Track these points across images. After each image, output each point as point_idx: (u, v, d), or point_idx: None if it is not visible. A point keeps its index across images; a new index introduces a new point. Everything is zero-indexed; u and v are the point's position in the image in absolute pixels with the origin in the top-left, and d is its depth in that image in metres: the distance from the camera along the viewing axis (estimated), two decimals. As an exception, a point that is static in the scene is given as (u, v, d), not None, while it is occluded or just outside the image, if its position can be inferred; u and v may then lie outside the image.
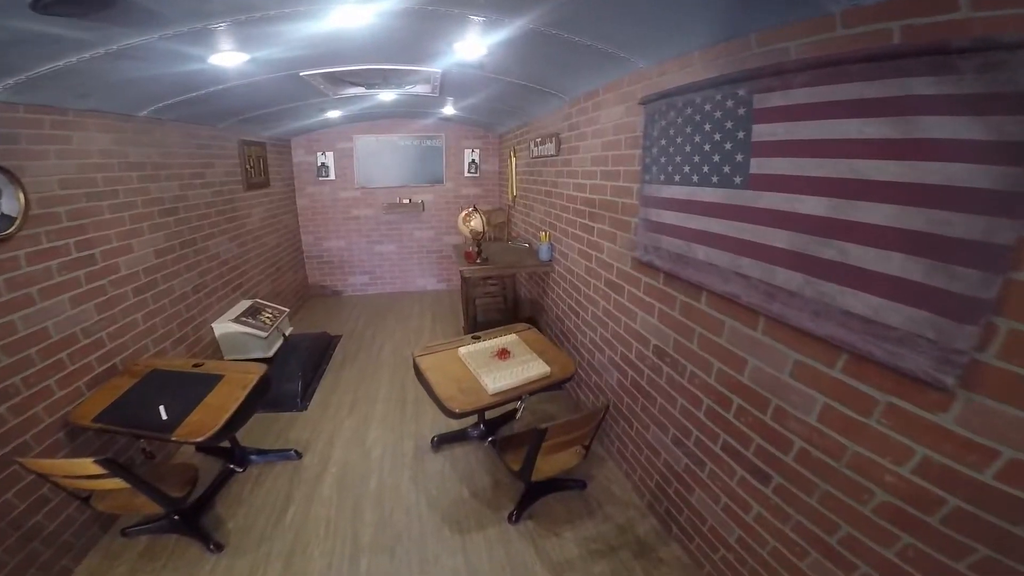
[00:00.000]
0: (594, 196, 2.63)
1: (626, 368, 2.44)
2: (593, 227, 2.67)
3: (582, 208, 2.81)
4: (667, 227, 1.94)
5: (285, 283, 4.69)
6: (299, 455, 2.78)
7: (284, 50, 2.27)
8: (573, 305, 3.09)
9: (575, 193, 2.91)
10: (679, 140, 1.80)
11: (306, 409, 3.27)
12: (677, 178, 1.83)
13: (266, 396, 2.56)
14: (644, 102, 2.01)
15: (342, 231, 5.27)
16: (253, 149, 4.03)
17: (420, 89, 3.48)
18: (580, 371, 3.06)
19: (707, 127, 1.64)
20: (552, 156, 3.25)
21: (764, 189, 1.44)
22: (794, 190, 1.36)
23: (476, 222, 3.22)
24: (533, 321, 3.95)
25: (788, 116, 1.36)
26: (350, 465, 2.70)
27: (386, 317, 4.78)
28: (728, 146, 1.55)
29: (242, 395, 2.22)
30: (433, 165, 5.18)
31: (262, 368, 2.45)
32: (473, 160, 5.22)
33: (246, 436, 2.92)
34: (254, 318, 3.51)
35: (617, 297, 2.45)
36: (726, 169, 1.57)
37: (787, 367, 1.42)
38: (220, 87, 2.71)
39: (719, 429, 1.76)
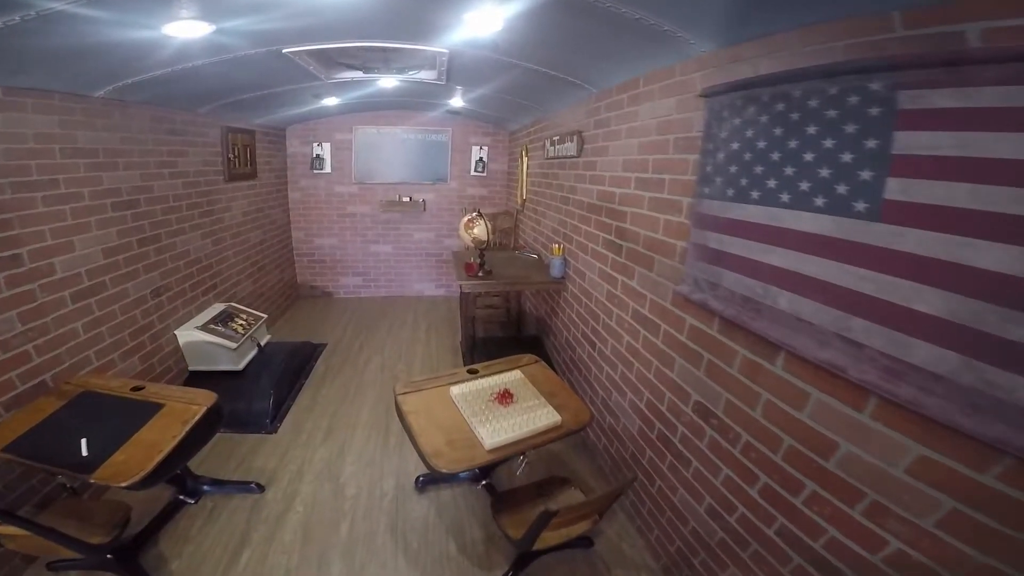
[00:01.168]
0: (625, 208, 2.15)
1: (653, 419, 1.98)
2: (622, 246, 2.19)
3: (608, 221, 2.33)
4: (733, 259, 1.46)
5: (269, 283, 4.22)
6: (261, 488, 2.34)
7: (258, 21, 1.82)
8: (588, 333, 2.61)
9: (599, 203, 2.43)
10: (761, 145, 1.32)
11: (276, 431, 2.82)
12: (755, 195, 1.35)
13: (216, 428, 2.13)
14: (708, 94, 1.52)
15: (336, 229, 4.80)
16: (239, 137, 3.54)
17: (425, 75, 2.99)
18: (592, 408, 2.60)
19: (811, 129, 1.16)
20: (572, 157, 2.77)
21: (910, 224, 0.96)
22: (967, 231, 0.88)
23: (480, 230, 2.74)
24: (538, 341, 3.48)
25: (965, 123, 0.88)
26: (319, 504, 2.27)
27: (377, 325, 4.31)
28: (847, 157, 1.07)
29: (181, 432, 1.77)
30: (437, 162, 4.69)
31: (210, 398, 1.99)
32: (481, 158, 4.74)
33: (203, 460, 2.50)
34: (224, 325, 3.04)
35: (649, 335, 1.98)
36: (841, 189, 1.09)
37: (903, 461, 1.01)
38: (188, 65, 2.24)
39: (779, 513, 1.32)
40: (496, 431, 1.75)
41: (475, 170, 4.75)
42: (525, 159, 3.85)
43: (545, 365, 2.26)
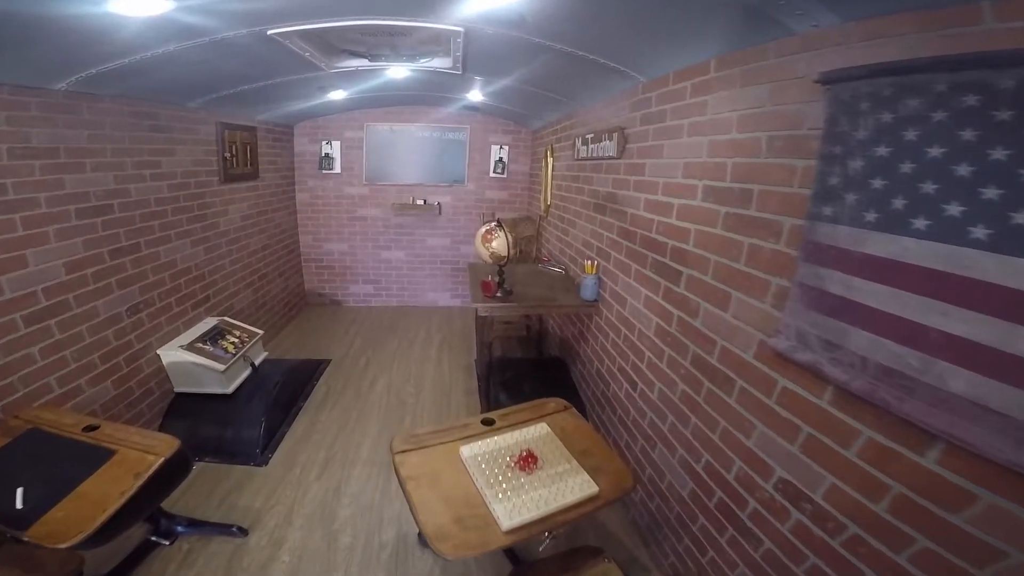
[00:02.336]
0: (687, 224, 1.66)
1: (712, 486, 1.53)
2: (680, 273, 1.70)
3: (660, 240, 1.84)
4: (870, 313, 0.98)
5: (272, 293, 3.83)
6: (244, 532, 1.98)
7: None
8: (628, 370, 2.13)
9: (649, 215, 1.94)
10: (937, 152, 0.83)
11: (266, 464, 2.43)
12: (921, 224, 0.87)
13: (179, 480, 1.76)
14: (832, 80, 1.04)
15: (345, 233, 4.38)
16: (238, 134, 3.14)
17: (439, 64, 2.53)
18: (629, 459, 2.13)
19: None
20: (610, 159, 2.28)
21: None
22: None
23: (499, 243, 2.28)
24: (562, 366, 3.01)
25: None
26: (309, 554, 1.91)
27: (386, 339, 3.88)
28: None
29: (131, 488, 1.42)
30: (454, 162, 4.24)
31: (171, 446, 1.60)
32: (501, 158, 4.26)
33: (182, 493, 2.15)
34: (213, 344, 2.65)
35: (716, 390, 1.50)
36: None
37: None
38: (159, 51, 1.85)
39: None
40: (516, 509, 1.30)
41: (494, 171, 4.28)
42: (550, 160, 3.37)
43: (576, 413, 1.80)
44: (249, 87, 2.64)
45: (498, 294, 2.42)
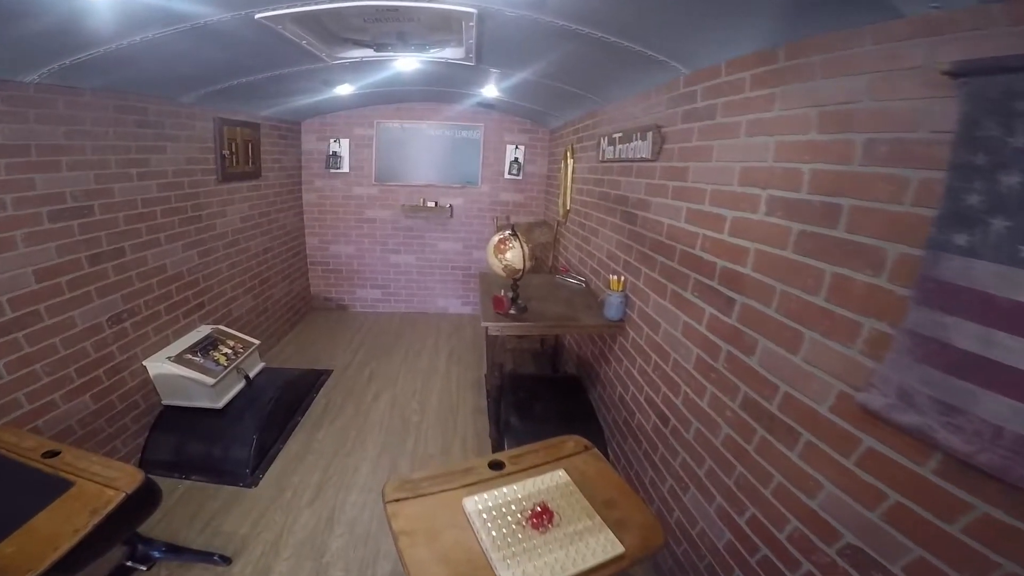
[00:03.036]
0: (744, 243, 1.36)
1: (757, 541, 1.26)
2: (733, 300, 1.40)
3: (707, 258, 1.53)
4: (1017, 378, 0.69)
5: (275, 297, 3.59)
6: (227, 561, 1.78)
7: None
8: (659, 404, 1.83)
9: (692, 228, 1.63)
10: None
11: (256, 485, 2.20)
12: None
13: (143, 517, 1.54)
14: (972, 72, 0.75)
15: (353, 235, 4.12)
16: (238, 131, 2.91)
17: (450, 54, 2.25)
18: (653, 498, 1.83)
19: None
20: (643, 161, 1.98)
21: None
22: None
23: (514, 254, 1.99)
24: (579, 386, 2.72)
25: None
26: None
27: (392, 349, 3.61)
28: None
29: (85, 527, 1.20)
30: (467, 162, 3.95)
31: (134, 480, 1.38)
32: (516, 159, 3.96)
33: (163, 515, 1.96)
34: (204, 355, 2.42)
35: (774, 441, 1.20)
36: None
37: None
38: (137, 39, 1.62)
39: None
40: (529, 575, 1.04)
41: (509, 172, 3.97)
42: (570, 161, 3.07)
43: (598, 455, 1.50)
44: (247, 80, 2.39)
45: (511, 311, 2.14)
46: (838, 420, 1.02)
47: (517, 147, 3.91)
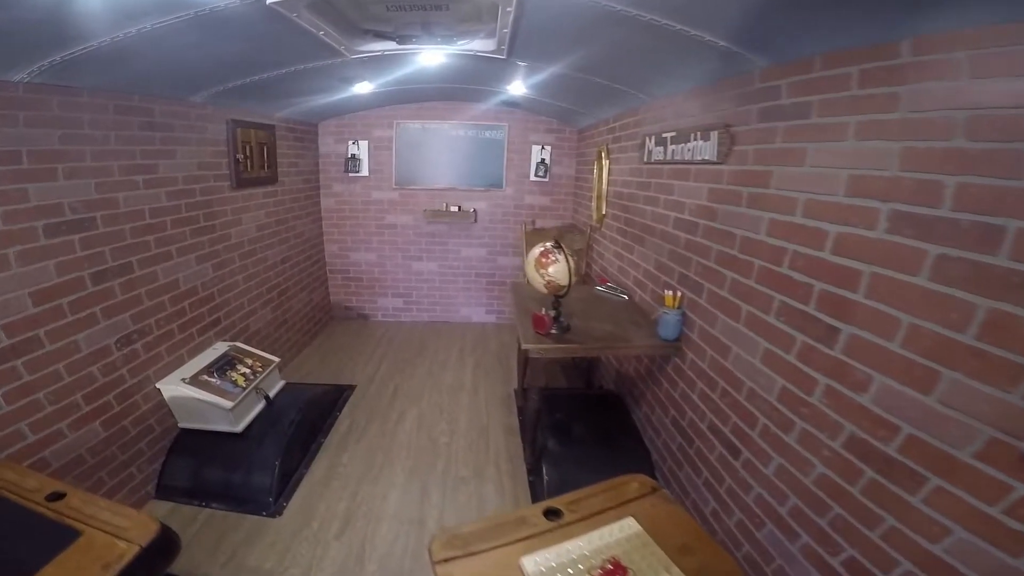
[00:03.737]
0: (855, 264, 1.08)
1: None
2: (837, 330, 1.12)
3: (800, 279, 1.25)
4: None
5: (295, 308, 3.36)
6: None
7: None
8: (725, 432, 1.55)
9: (777, 242, 1.34)
10: None
11: (280, 514, 1.98)
12: None
13: (162, 570, 1.27)
14: None
15: (374, 242, 3.87)
16: (252, 133, 2.67)
17: (479, 46, 1.99)
18: (717, 530, 1.56)
19: None
20: (704, 163, 1.69)
21: None
22: None
23: (559, 269, 1.72)
24: (619, 404, 2.44)
25: None
26: None
27: (416, 362, 3.36)
28: None
29: None
30: (491, 164, 3.67)
31: (148, 530, 1.17)
32: (543, 160, 3.66)
33: (183, 545, 1.69)
34: (221, 375, 2.20)
35: (888, 483, 0.93)
36: None
37: None
38: (133, 31, 1.44)
39: None
40: None
41: (536, 174, 3.68)
42: (604, 162, 2.78)
43: (667, 496, 1.24)
44: (260, 77, 2.15)
45: (553, 331, 1.88)
46: (984, 467, 0.82)
47: (543, 147, 3.62)
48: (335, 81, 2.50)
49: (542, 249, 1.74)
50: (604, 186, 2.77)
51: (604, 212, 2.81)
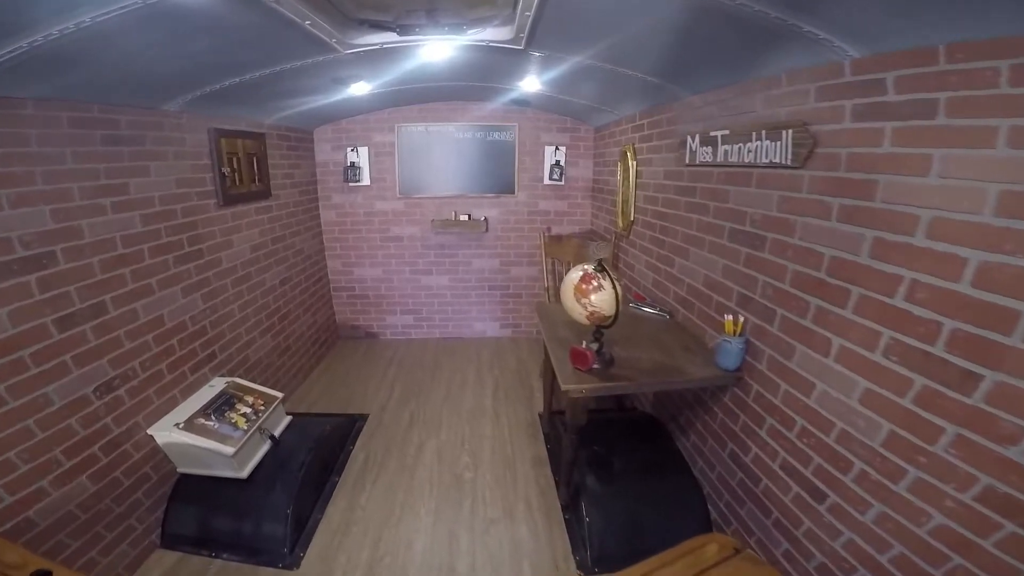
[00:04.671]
0: (1009, 302, 0.80)
1: None
2: (978, 376, 0.81)
3: (924, 315, 0.93)
4: None
5: (298, 332, 3.03)
6: None
7: None
8: (806, 474, 1.25)
9: (887, 267, 1.03)
10: None
11: (298, 566, 1.72)
12: None
13: None
14: None
15: (379, 256, 3.53)
16: (239, 143, 2.34)
17: (493, 35, 1.67)
18: (791, 572, 1.29)
19: None
20: (773, 167, 1.37)
21: None
22: None
23: (603, 297, 1.41)
24: (658, 429, 2.14)
25: None
26: None
27: (431, 385, 3.04)
28: None
29: None
30: (501, 167, 3.34)
31: None
32: (558, 161, 3.32)
33: None
34: (220, 417, 1.90)
35: None
36: None
37: None
38: (70, 26, 1.06)
39: None
40: None
41: (550, 177, 3.34)
42: (631, 164, 2.46)
43: (755, 558, 1.00)
44: (242, 80, 1.82)
45: (596, 365, 1.58)
46: None
47: (557, 148, 3.27)
48: (328, 82, 2.17)
49: (582, 273, 1.42)
50: (632, 190, 2.44)
51: (632, 218, 2.48)
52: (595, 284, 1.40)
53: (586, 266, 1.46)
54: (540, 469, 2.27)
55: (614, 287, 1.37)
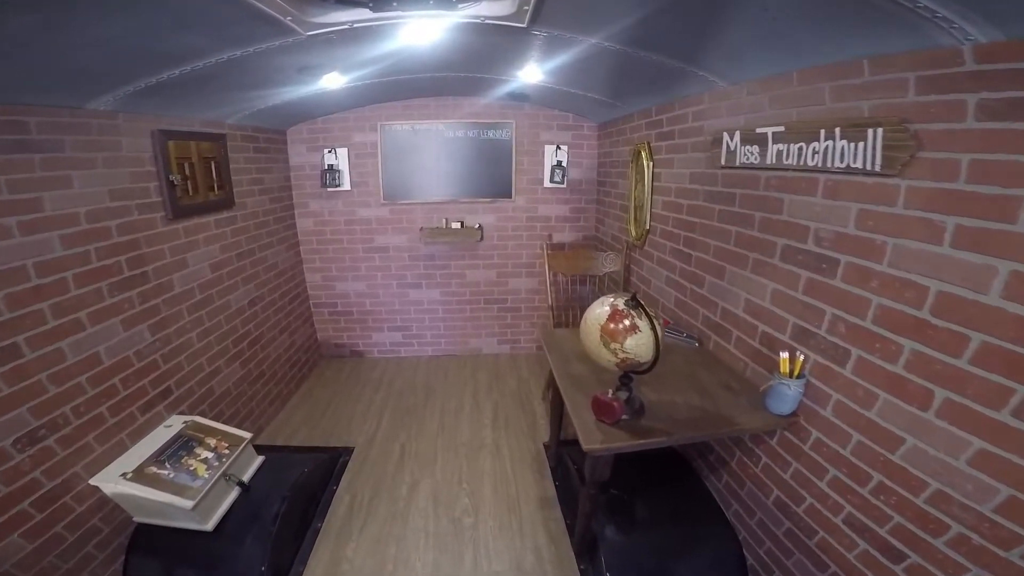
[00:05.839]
0: None
1: None
2: None
3: None
4: None
5: (272, 357, 2.65)
6: None
7: None
8: (879, 532, 1.04)
9: None
10: None
11: None
12: None
13: None
14: None
15: (362, 269, 3.16)
16: (193, 146, 1.97)
17: (491, 9, 1.32)
18: None
19: None
20: (853, 173, 1.07)
21: None
22: None
23: (639, 341, 1.09)
24: (685, 466, 1.85)
25: None
26: None
27: (423, 410, 2.70)
28: None
29: None
30: (497, 169, 2.99)
31: None
32: (559, 162, 2.98)
33: None
34: (175, 464, 1.58)
35: None
36: None
37: None
38: None
39: None
40: None
41: (551, 180, 3.00)
42: (646, 164, 2.15)
43: None
44: (183, 72, 1.45)
45: (624, 417, 1.28)
46: None
47: (559, 148, 2.93)
48: (293, 73, 1.81)
49: (611, 311, 1.11)
50: (647, 194, 2.13)
51: (648, 227, 2.17)
52: (627, 324, 1.09)
53: (613, 299, 1.16)
54: (549, 511, 1.97)
55: (653, 328, 1.08)
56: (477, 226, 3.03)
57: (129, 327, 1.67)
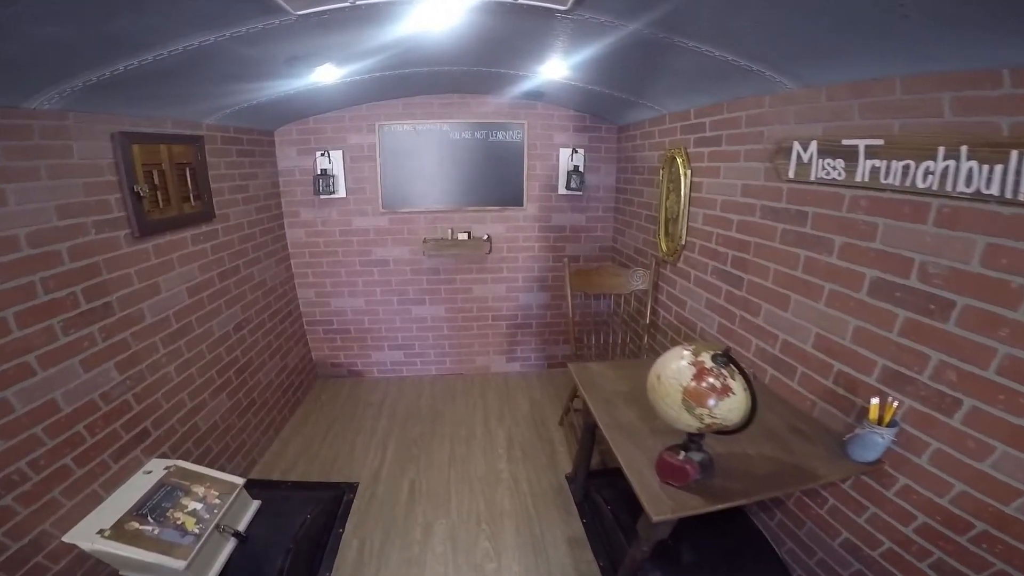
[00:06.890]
0: None
1: None
2: None
3: None
4: None
5: (264, 383, 2.35)
6: None
7: None
8: None
9: None
10: None
11: None
12: None
13: None
14: None
15: (359, 284, 2.86)
16: (163, 150, 1.66)
17: None
18: None
19: None
20: (984, 200, 0.85)
21: None
22: None
23: (732, 406, 0.87)
24: (741, 522, 1.65)
25: None
26: None
27: (431, 440, 2.44)
28: None
29: None
30: (507, 174, 2.73)
31: None
32: (576, 167, 2.72)
33: None
34: (159, 518, 1.31)
35: None
36: None
37: None
38: None
39: None
40: None
41: (567, 186, 2.73)
42: (684, 173, 1.93)
43: None
44: (144, 62, 1.16)
45: (697, 477, 1.06)
46: None
47: (575, 151, 2.68)
48: (278, 64, 1.53)
49: (695, 368, 0.88)
50: (684, 205, 1.91)
51: (683, 241, 1.95)
52: (717, 385, 0.87)
53: (703, 355, 0.92)
54: (578, 552, 1.76)
55: (748, 389, 0.86)
56: (485, 237, 2.76)
57: (91, 367, 1.38)
